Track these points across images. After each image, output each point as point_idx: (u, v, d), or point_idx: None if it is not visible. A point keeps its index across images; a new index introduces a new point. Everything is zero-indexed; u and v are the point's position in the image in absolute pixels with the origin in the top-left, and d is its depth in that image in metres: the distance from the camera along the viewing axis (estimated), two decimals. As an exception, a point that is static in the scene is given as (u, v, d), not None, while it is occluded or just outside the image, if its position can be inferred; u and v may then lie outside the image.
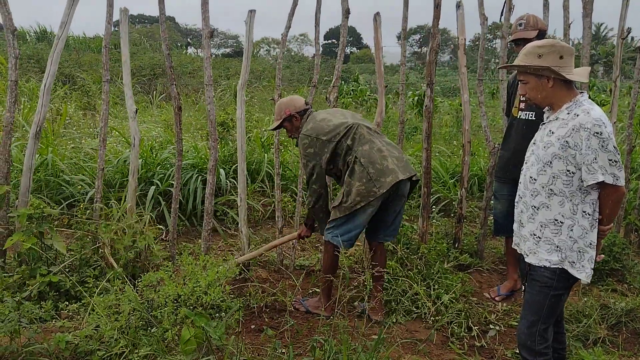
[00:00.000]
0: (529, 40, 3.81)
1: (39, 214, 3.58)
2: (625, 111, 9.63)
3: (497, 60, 38.24)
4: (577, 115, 2.31)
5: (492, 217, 4.50)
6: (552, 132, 2.39)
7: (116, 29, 5.11)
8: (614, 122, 4.85)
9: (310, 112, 3.77)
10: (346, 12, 4.32)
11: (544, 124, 2.52)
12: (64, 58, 15.92)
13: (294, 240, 4.35)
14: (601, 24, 44.36)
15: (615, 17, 4.75)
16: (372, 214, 3.54)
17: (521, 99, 3.92)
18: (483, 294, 4.21)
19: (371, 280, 3.65)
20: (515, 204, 2.63)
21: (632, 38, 4.66)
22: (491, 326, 3.65)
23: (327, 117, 3.67)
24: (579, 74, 2.38)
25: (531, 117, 3.85)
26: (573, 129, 2.29)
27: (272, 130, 3.96)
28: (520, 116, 3.93)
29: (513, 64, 2.47)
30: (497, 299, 4.11)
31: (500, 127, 10.41)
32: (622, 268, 4.41)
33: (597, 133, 2.22)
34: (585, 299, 3.84)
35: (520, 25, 3.95)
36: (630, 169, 5.18)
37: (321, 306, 3.71)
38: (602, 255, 2.60)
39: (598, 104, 2.72)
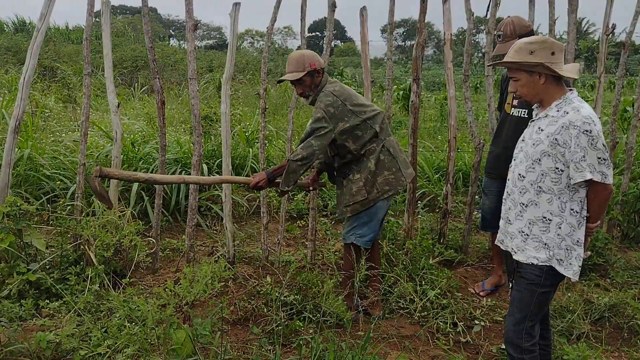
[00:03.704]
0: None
1: (16, 211, 3.50)
2: (607, 106, 9.76)
3: (480, 54, 38.49)
4: (567, 113, 2.30)
5: (477, 213, 4.51)
6: (542, 130, 2.39)
7: (97, 19, 5.01)
8: (598, 118, 4.88)
9: (327, 75, 3.56)
10: (332, 6, 4.27)
11: (532, 121, 2.52)
12: (43, 49, 15.66)
13: (244, 185, 3.92)
14: (583, 19, 44.84)
15: (597, 12, 4.79)
16: (388, 208, 3.60)
17: (514, 96, 3.87)
18: (468, 289, 4.22)
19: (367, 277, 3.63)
20: (503, 200, 2.63)
21: (613, 32, 4.70)
22: (476, 322, 3.66)
23: (352, 90, 3.54)
24: (569, 71, 2.37)
25: (524, 114, 3.76)
26: (562, 127, 2.28)
27: (290, 80, 3.43)
28: (512, 113, 3.85)
29: (504, 60, 2.45)
30: (481, 294, 4.12)
31: (483, 122, 10.49)
32: (605, 263, 4.45)
33: (587, 131, 2.22)
34: (569, 295, 3.87)
35: (499, 37, 3.76)
36: (613, 164, 5.23)
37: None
38: (589, 252, 2.61)
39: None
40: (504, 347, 2.91)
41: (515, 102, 3.84)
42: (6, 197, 3.67)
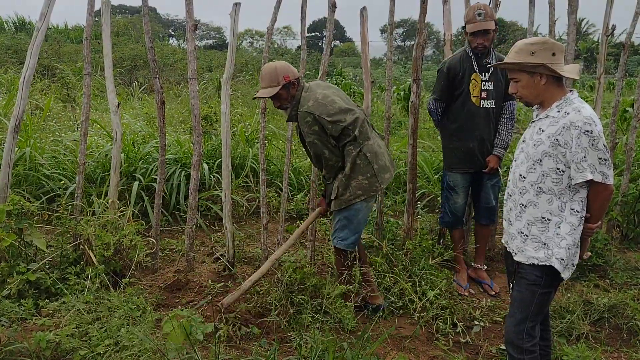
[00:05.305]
0: (488, 31, 3.82)
1: (18, 210, 3.50)
2: (607, 107, 9.77)
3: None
4: (568, 114, 2.31)
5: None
6: (542, 130, 2.39)
7: (97, 19, 5.01)
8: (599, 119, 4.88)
9: (303, 83, 3.56)
10: (332, 6, 4.26)
11: (533, 121, 2.52)
12: (43, 49, 15.61)
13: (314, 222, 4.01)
14: (583, 19, 44.77)
15: (597, 12, 4.78)
16: (370, 209, 3.58)
17: (482, 88, 3.96)
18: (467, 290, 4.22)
19: (359, 273, 3.64)
20: (504, 201, 2.63)
21: (613, 33, 4.71)
22: (476, 322, 3.66)
23: (328, 94, 3.45)
24: (569, 71, 2.38)
25: (492, 105, 3.99)
26: (563, 127, 2.29)
27: (266, 97, 3.47)
28: (483, 105, 4.00)
29: (505, 62, 2.45)
30: (466, 293, 4.14)
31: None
32: (605, 264, 4.45)
33: (588, 131, 2.23)
34: (569, 295, 3.87)
35: (479, 15, 3.83)
36: (612, 165, 5.22)
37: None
38: (589, 253, 2.61)
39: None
40: (503, 347, 2.92)
41: (483, 95, 3.96)
42: (9, 196, 3.66)
